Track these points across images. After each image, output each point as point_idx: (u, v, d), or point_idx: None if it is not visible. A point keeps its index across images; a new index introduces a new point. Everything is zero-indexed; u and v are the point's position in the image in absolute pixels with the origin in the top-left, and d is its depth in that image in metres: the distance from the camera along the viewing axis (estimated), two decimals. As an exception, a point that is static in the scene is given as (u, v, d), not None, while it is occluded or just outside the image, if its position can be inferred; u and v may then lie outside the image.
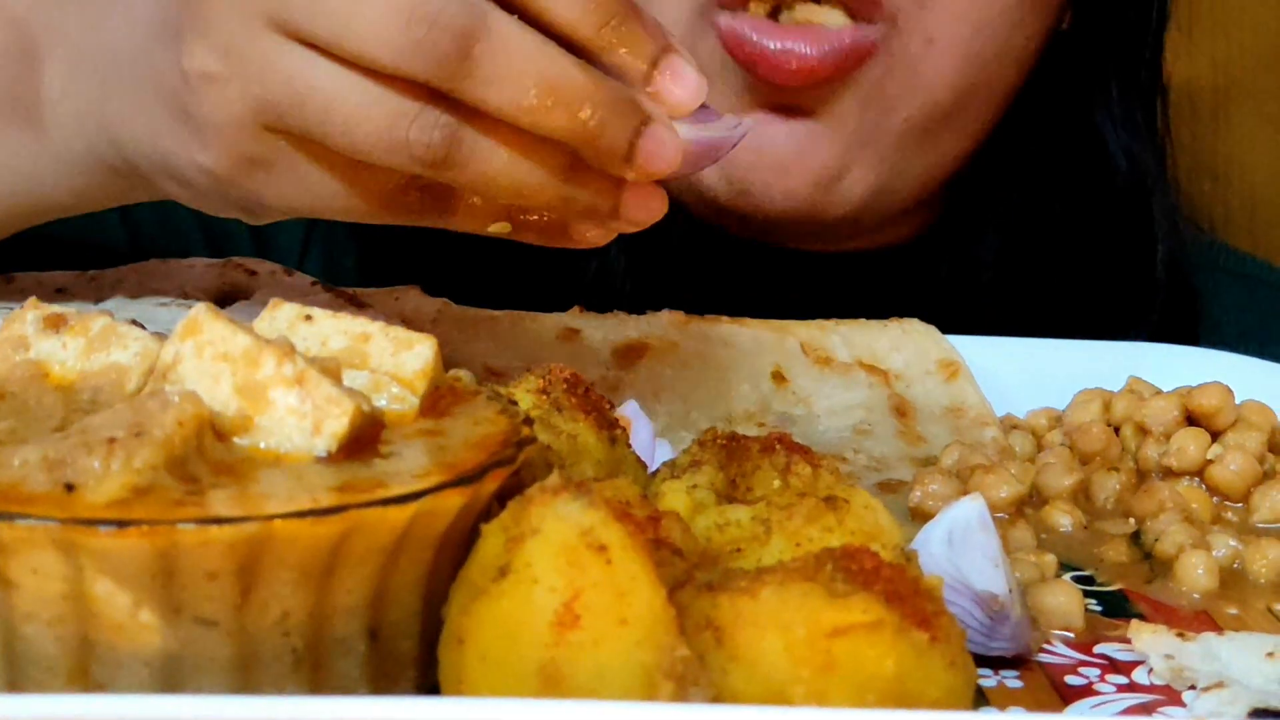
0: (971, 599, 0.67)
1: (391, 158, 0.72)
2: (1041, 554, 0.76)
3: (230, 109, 0.74)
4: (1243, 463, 0.83)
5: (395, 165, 0.73)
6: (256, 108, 0.73)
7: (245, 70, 0.73)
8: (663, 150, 0.73)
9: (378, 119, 0.71)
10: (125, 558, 0.54)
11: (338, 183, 0.75)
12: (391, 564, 0.58)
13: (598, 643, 0.54)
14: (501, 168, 0.73)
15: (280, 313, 0.64)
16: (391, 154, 0.72)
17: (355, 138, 0.72)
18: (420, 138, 0.71)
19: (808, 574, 0.56)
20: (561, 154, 0.73)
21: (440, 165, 0.72)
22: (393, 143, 0.71)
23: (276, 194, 0.76)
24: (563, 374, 0.69)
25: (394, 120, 0.71)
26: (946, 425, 0.91)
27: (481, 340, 0.91)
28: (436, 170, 0.72)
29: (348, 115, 0.72)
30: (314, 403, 0.58)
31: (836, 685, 0.54)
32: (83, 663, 0.56)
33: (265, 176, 0.75)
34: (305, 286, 0.93)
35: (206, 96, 0.74)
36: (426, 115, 0.71)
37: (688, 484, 0.65)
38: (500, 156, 0.72)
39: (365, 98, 0.71)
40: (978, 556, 0.68)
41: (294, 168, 0.75)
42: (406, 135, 0.71)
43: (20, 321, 0.63)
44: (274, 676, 0.57)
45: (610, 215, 0.76)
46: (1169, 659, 0.67)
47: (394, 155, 0.72)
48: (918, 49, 1.04)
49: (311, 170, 0.75)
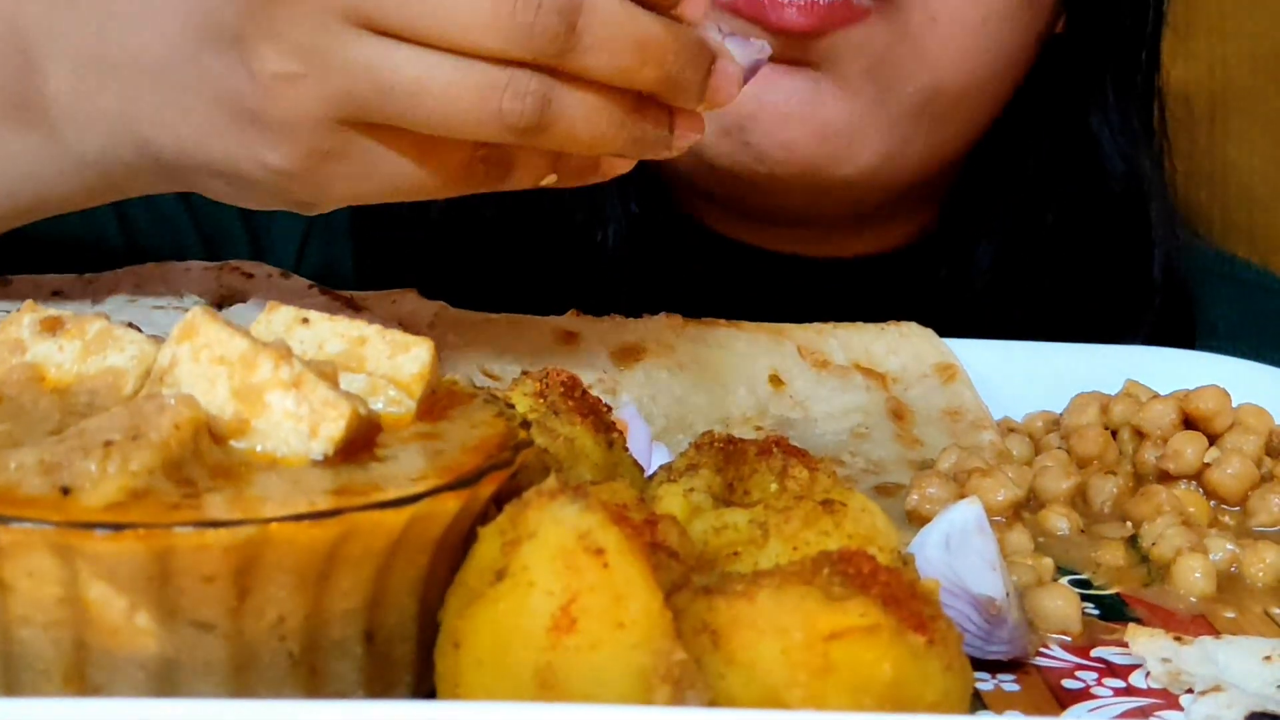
0: (969, 602, 0.67)
1: (483, 130, 0.74)
2: (1038, 557, 0.76)
3: (309, 106, 0.75)
4: (1240, 466, 0.83)
5: (487, 138, 0.75)
6: (338, 103, 0.74)
7: (326, 67, 0.74)
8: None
9: (470, 96, 0.73)
10: (121, 561, 0.54)
11: (409, 165, 0.77)
12: (388, 567, 0.58)
13: (594, 646, 0.54)
14: (587, 123, 0.75)
15: (277, 316, 0.64)
16: (484, 126, 0.74)
17: (447, 118, 0.73)
18: (514, 106, 0.73)
19: (805, 577, 0.56)
20: (632, 98, 0.76)
21: (533, 130, 0.74)
22: (484, 115, 0.73)
23: (345, 184, 0.78)
24: (560, 377, 0.69)
25: (485, 94, 0.73)
26: (944, 428, 0.91)
27: (478, 343, 0.91)
28: (529, 136, 0.74)
29: (438, 96, 0.73)
30: (310, 406, 0.58)
31: (833, 689, 0.54)
32: (79, 666, 0.56)
33: (335, 168, 0.77)
34: (302, 289, 0.93)
35: (283, 97, 0.75)
36: (517, 83, 0.73)
37: (685, 487, 0.65)
38: (585, 113, 0.75)
39: (454, 76, 0.73)
40: (975, 560, 0.68)
41: (366, 156, 0.76)
42: (500, 106, 0.73)
43: (16, 324, 0.63)
44: (270, 680, 0.57)
45: (665, 145, 0.79)
46: (1166, 662, 0.67)
47: (486, 128, 0.74)
48: (921, 24, 1.04)
49: (384, 156, 0.76)
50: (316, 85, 0.74)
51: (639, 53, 0.74)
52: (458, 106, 0.73)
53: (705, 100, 0.78)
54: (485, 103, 0.73)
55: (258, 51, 0.75)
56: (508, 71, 0.73)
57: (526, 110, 0.73)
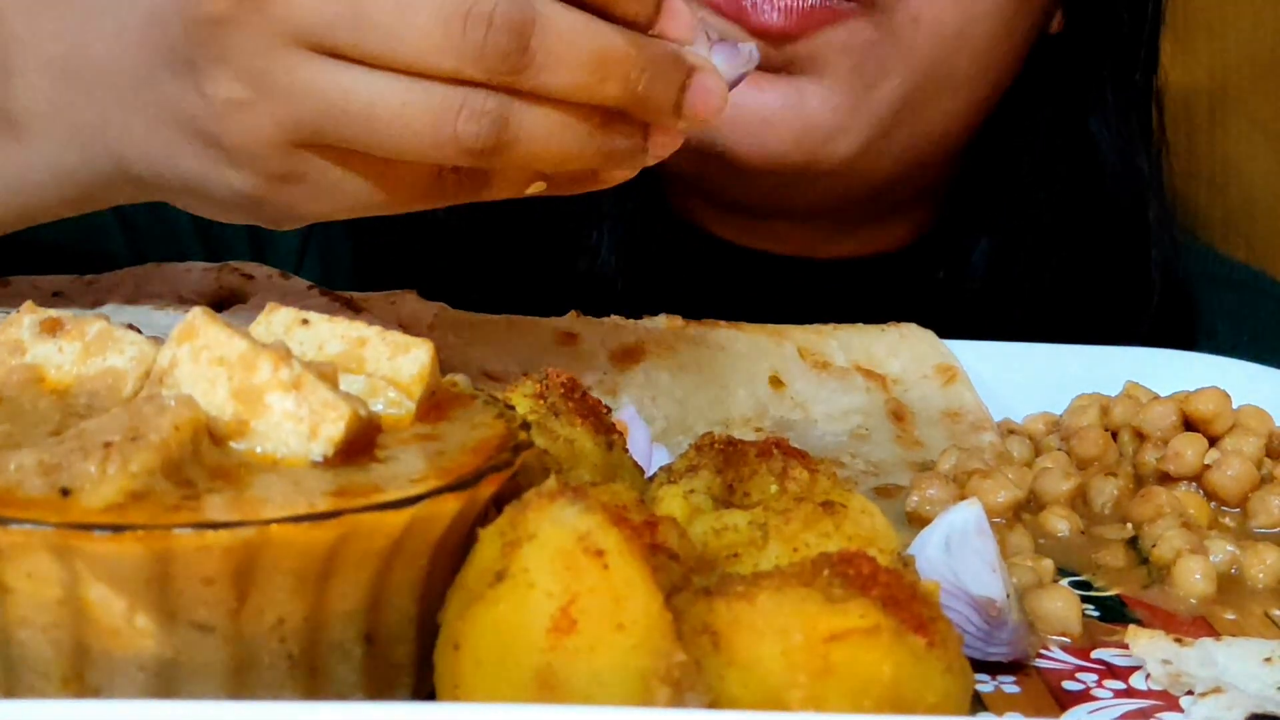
0: (969, 604, 0.67)
1: (439, 153, 0.72)
2: (1039, 559, 0.76)
3: (262, 132, 0.73)
4: (1240, 468, 0.83)
5: (443, 160, 0.73)
6: (291, 127, 0.73)
7: (275, 92, 0.72)
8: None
9: (423, 118, 0.71)
10: (121, 562, 0.54)
11: (373, 184, 0.75)
12: (387, 569, 0.58)
13: (594, 648, 0.54)
14: (547, 141, 0.73)
15: (277, 317, 0.64)
16: (439, 150, 0.72)
17: (401, 141, 0.72)
18: (469, 128, 0.71)
19: (805, 579, 0.56)
20: (600, 113, 0.74)
21: (489, 153, 0.72)
22: (440, 138, 0.71)
23: (310, 204, 0.76)
24: (560, 378, 0.69)
25: (440, 116, 0.71)
26: (944, 430, 0.91)
27: (478, 344, 0.91)
28: (487, 158, 0.72)
29: (390, 120, 0.71)
30: (310, 407, 0.58)
31: (833, 690, 0.54)
32: (78, 668, 0.56)
33: (298, 189, 0.75)
34: (302, 291, 0.93)
35: (236, 122, 0.74)
36: (471, 104, 0.71)
37: (685, 489, 0.65)
38: (545, 130, 0.73)
39: (407, 98, 0.71)
40: (975, 562, 0.68)
41: (328, 177, 0.75)
42: (455, 129, 0.71)
43: (16, 325, 0.63)
44: (270, 682, 0.57)
45: (639, 157, 0.77)
46: (1166, 664, 0.67)
47: (441, 150, 0.72)
48: (903, 24, 1.04)
49: (346, 177, 0.75)
50: (268, 110, 0.73)
51: (599, 69, 0.72)
52: (412, 129, 0.71)
53: (685, 117, 0.76)
54: (440, 125, 0.71)
55: (209, 74, 0.74)
56: (462, 92, 0.71)
57: (483, 131, 0.71)
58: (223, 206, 0.78)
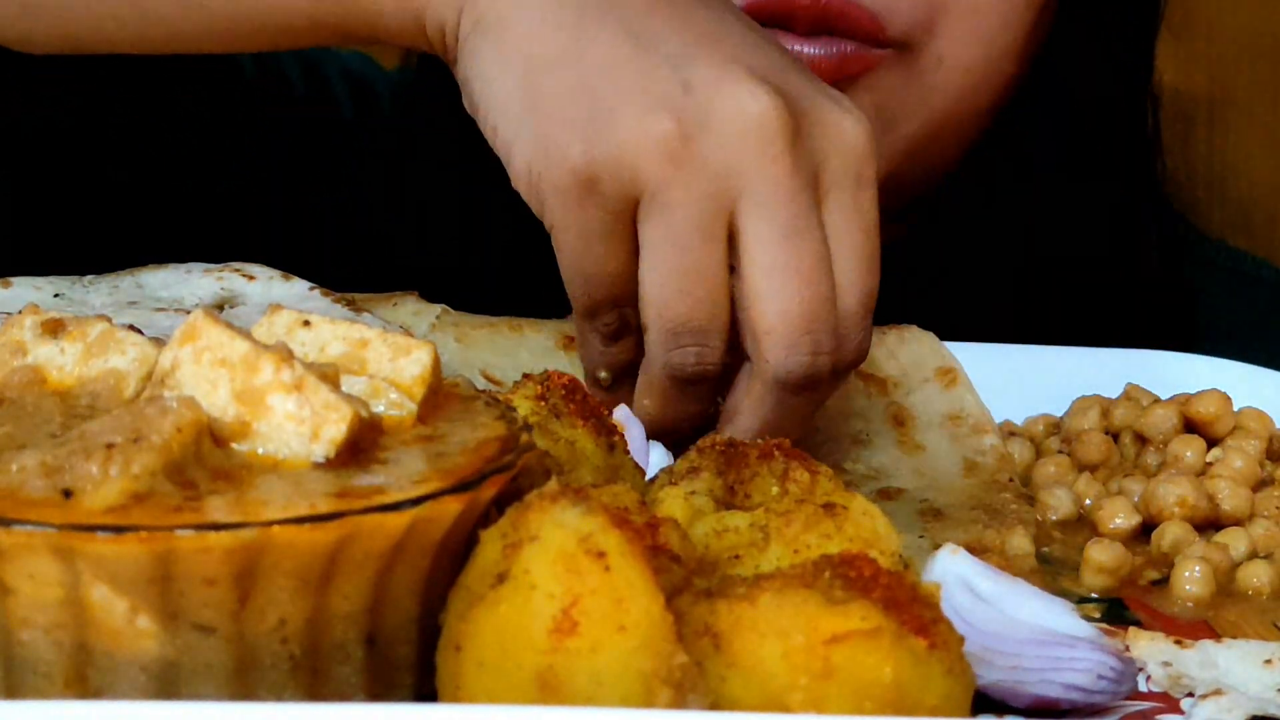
0: (1096, 649, 0.65)
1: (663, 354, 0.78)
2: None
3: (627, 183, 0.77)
4: (1241, 470, 0.83)
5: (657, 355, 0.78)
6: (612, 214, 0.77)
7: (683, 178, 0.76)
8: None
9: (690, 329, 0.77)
10: (123, 563, 0.54)
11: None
12: (389, 570, 0.58)
13: (596, 649, 0.54)
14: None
15: (278, 318, 0.64)
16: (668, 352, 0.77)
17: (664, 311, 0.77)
18: (682, 360, 0.77)
19: (806, 581, 0.56)
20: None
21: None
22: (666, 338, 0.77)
23: (562, 248, 0.79)
24: (561, 380, 0.69)
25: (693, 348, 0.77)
26: (945, 433, 0.91)
27: (480, 346, 0.91)
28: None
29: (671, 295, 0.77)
30: (312, 408, 0.58)
31: (834, 692, 0.54)
32: (80, 669, 0.56)
33: (561, 230, 0.78)
34: (303, 292, 0.93)
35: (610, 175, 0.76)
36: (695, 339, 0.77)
37: (686, 490, 0.65)
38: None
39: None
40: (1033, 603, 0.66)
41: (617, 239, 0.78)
42: (670, 352, 0.77)
43: (18, 326, 0.63)
44: (271, 683, 0.57)
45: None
46: (1167, 666, 0.67)
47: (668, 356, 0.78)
48: (928, 66, 1.04)
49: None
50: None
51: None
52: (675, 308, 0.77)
53: None
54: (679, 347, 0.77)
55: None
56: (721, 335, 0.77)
57: (688, 364, 0.77)
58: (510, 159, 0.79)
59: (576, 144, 0.76)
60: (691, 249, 0.76)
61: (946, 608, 0.59)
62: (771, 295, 0.76)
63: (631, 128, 0.75)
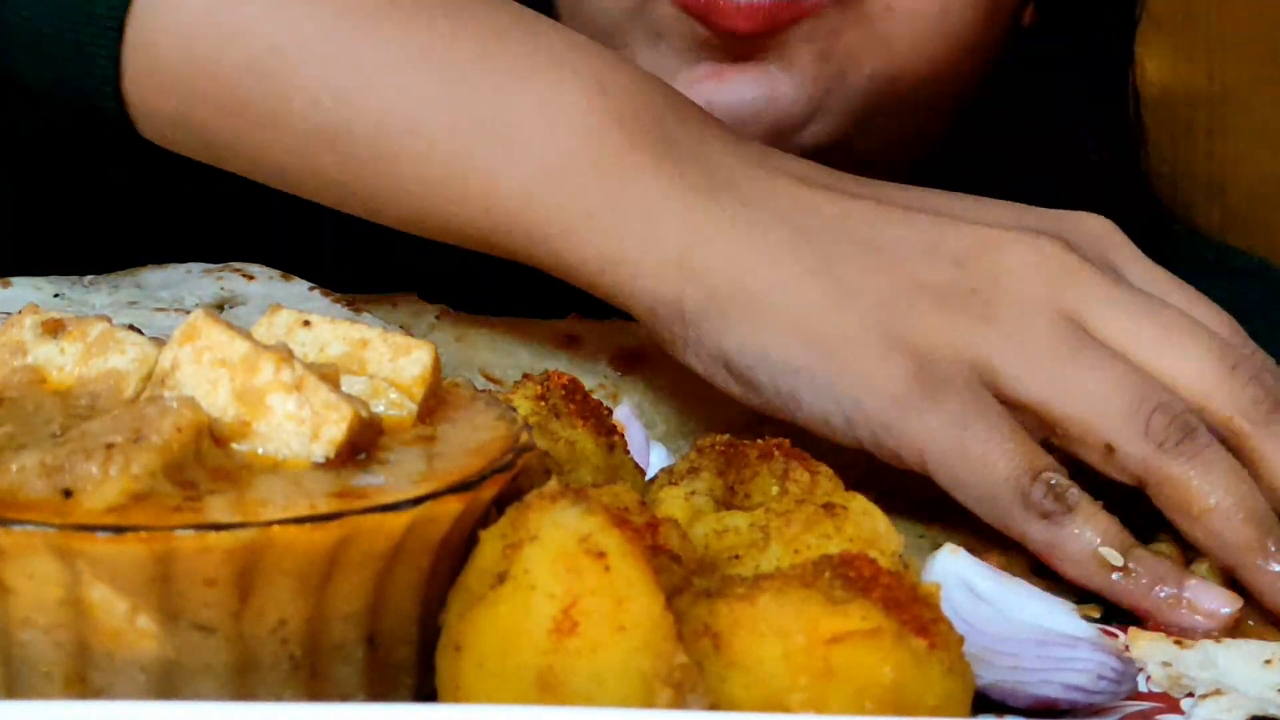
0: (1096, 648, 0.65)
1: (1113, 423, 0.74)
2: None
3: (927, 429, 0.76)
4: (1241, 470, 0.83)
5: (1111, 432, 0.74)
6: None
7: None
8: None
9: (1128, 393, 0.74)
10: (123, 564, 0.54)
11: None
12: (389, 570, 0.58)
13: (596, 649, 0.54)
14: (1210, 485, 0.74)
15: (278, 318, 0.64)
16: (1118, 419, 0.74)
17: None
18: (1161, 421, 0.74)
19: (806, 581, 0.56)
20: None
21: (1169, 452, 0.74)
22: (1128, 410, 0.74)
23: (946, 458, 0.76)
24: (561, 380, 0.69)
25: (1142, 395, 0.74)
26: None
27: (480, 346, 0.91)
28: (1166, 455, 0.74)
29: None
30: (312, 408, 0.58)
31: (835, 692, 0.54)
32: (80, 669, 0.56)
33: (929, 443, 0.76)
34: (303, 292, 0.93)
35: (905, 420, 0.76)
36: (1172, 405, 0.74)
37: (686, 490, 0.65)
38: (1218, 475, 0.74)
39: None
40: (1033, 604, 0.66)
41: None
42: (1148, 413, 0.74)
43: (18, 326, 0.63)
44: (271, 683, 0.57)
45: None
46: (1167, 666, 0.67)
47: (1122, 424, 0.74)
48: (876, 13, 1.04)
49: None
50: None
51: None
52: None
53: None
54: (1136, 403, 0.74)
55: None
56: (1168, 393, 0.74)
57: (1171, 430, 0.74)
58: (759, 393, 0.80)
59: (895, 366, 0.76)
60: (1081, 358, 0.75)
61: (946, 608, 0.59)
62: (1186, 357, 0.76)
63: (935, 322, 0.76)
